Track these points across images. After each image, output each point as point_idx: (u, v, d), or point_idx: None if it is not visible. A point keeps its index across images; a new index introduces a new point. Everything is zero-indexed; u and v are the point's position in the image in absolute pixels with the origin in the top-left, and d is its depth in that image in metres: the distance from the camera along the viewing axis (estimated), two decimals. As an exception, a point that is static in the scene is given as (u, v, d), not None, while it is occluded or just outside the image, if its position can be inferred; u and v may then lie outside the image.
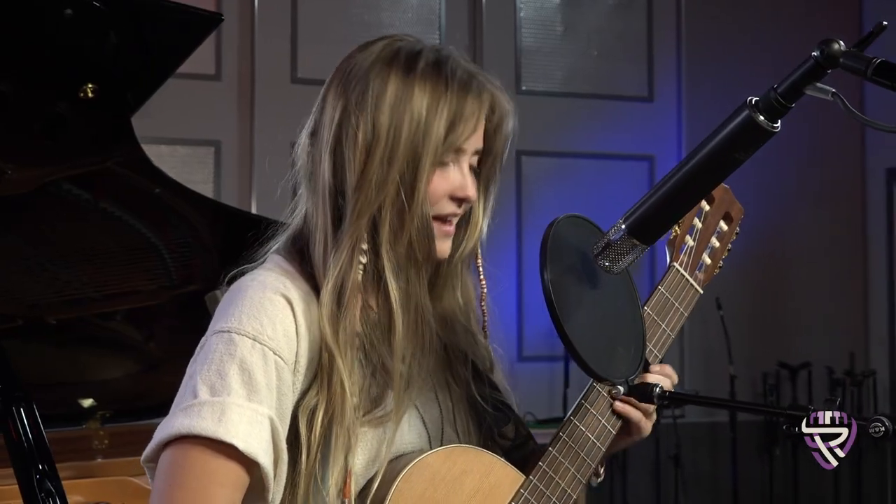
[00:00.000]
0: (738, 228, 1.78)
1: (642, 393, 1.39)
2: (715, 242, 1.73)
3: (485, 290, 1.59)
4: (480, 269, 1.58)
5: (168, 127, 5.21)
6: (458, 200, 1.48)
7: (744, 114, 1.16)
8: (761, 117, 1.15)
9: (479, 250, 1.58)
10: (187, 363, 3.68)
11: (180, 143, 5.56)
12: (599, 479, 1.61)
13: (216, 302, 2.59)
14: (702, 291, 1.70)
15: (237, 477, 1.36)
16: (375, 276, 1.46)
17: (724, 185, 1.69)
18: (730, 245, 1.76)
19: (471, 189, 1.49)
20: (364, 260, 1.44)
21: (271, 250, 1.54)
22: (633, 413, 1.55)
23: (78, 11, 2.00)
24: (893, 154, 6.36)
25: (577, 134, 6.16)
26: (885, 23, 1.08)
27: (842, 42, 1.09)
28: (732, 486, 6.10)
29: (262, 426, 1.36)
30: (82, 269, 3.07)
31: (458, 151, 1.47)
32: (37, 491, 1.83)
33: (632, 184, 6.32)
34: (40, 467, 1.87)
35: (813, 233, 6.49)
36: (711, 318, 5.83)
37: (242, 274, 1.51)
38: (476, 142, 1.50)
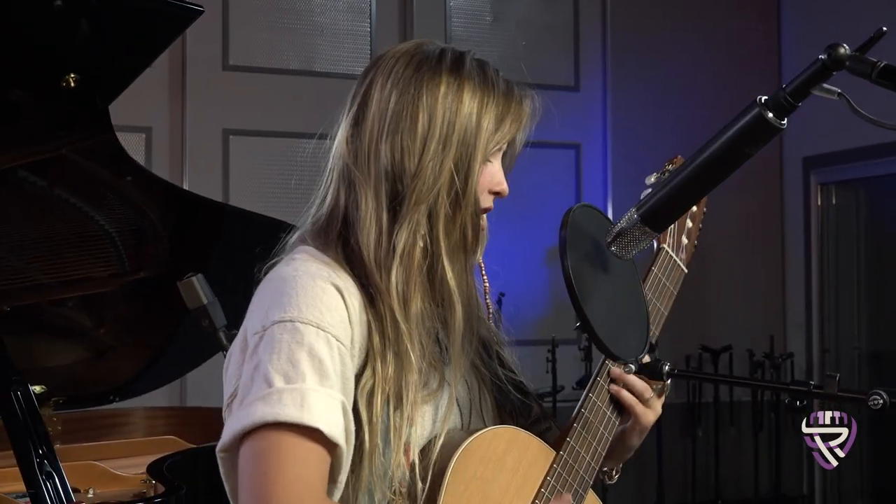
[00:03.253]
0: (705, 208, 1.88)
1: (652, 370, 1.48)
2: (689, 223, 1.84)
3: (486, 285, 1.68)
4: (482, 266, 1.67)
5: (99, 114, 5.20)
6: (495, 194, 1.58)
7: (754, 111, 1.24)
8: (770, 114, 1.23)
9: None
10: (136, 350, 3.66)
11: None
12: (612, 482, 1.71)
13: (192, 288, 2.63)
14: (686, 270, 1.80)
15: (324, 459, 1.39)
16: (430, 262, 1.52)
17: None
18: (700, 224, 1.86)
19: (506, 184, 1.58)
20: (422, 244, 1.51)
21: (295, 240, 1.58)
22: (626, 396, 1.66)
23: (68, 3, 2.02)
24: (810, 143, 6.56)
25: (505, 122, 6.24)
26: (884, 28, 1.17)
27: (846, 46, 1.18)
28: (657, 465, 6.25)
29: (337, 409, 1.40)
30: (36, 257, 3.07)
31: (499, 150, 1.56)
32: (38, 473, 1.85)
33: (559, 171, 6.45)
34: (40, 450, 1.90)
35: (733, 220, 6.66)
36: (637, 303, 5.97)
37: (273, 266, 1.53)
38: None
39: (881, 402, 1.23)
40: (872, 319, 6.82)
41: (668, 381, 1.63)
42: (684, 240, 1.82)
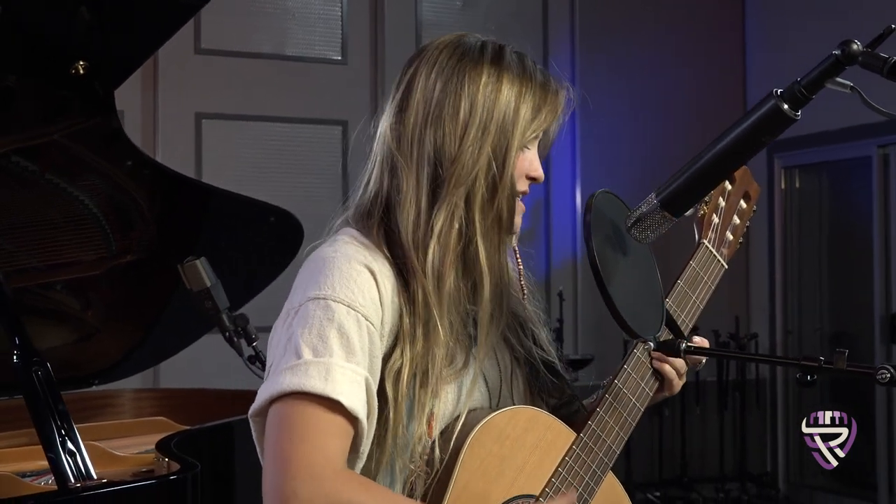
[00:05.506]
0: (755, 206, 1.93)
1: (669, 348, 1.56)
2: (736, 220, 1.89)
3: (521, 267, 1.76)
4: (517, 250, 1.75)
5: (71, 97, 5.19)
6: (531, 179, 1.66)
7: (770, 103, 1.32)
8: (785, 106, 1.31)
9: None
10: (122, 333, 3.68)
11: (83, 113, 5.50)
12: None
13: (196, 270, 2.68)
14: (727, 266, 1.86)
15: (344, 429, 1.47)
16: (465, 242, 1.59)
17: (744, 166, 1.84)
18: (748, 222, 1.91)
19: (541, 170, 1.67)
20: (457, 226, 1.58)
21: (339, 223, 1.66)
22: (668, 370, 1.76)
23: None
24: (774, 128, 6.66)
25: (474, 106, 6.31)
26: (893, 26, 1.24)
27: (859, 42, 1.25)
28: (626, 443, 6.34)
29: (360, 385, 1.48)
30: (26, 241, 3.09)
31: (535, 137, 1.64)
32: (60, 451, 1.89)
33: (528, 155, 6.52)
34: (62, 429, 1.94)
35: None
36: (605, 285, 6.05)
37: (317, 247, 1.61)
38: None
39: (888, 376, 1.30)
40: (834, 301, 6.96)
41: (704, 361, 1.78)
42: (729, 236, 1.88)
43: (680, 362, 1.75)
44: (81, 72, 2.37)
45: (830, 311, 6.96)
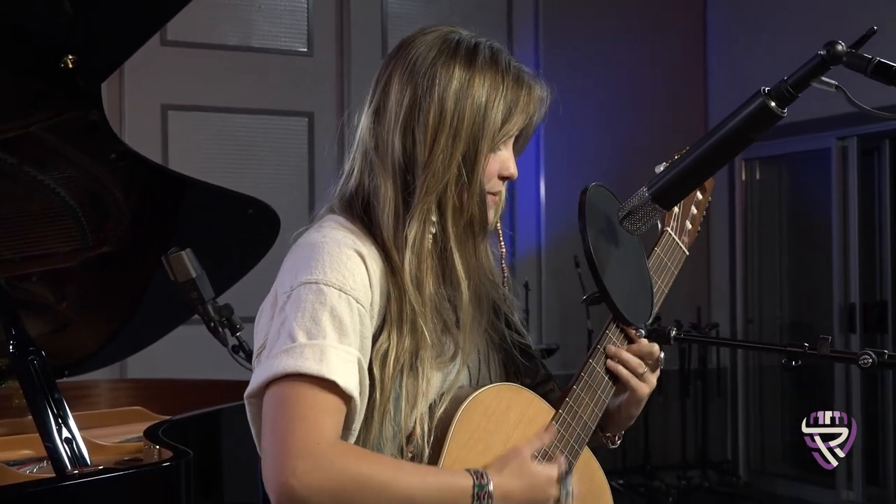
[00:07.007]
0: (710, 197, 2.01)
1: (659, 335, 1.62)
2: (693, 210, 1.97)
3: (503, 250, 1.80)
4: (500, 232, 1.79)
5: (38, 88, 5.16)
6: (505, 178, 1.70)
7: (758, 100, 1.37)
8: (772, 103, 1.36)
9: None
10: (98, 324, 3.69)
11: (49, 104, 5.48)
12: (615, 446, 1.86)
13: (181, 262, 2.70)
14: (688, 253, 1.94)
15: (338, 408, 1.53)
16: (440, 247, 1.64)
17: None
18: (705, 212, 1.99)
19: (515, 168, 1.71)
20: (433, 231, 1.63)
21: (324, 211, 1.70)
22: (622, 372, 1.79)
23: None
24: (735, 121, 6.76)
25: (440, 98, 6.34)
26: (875, 28, 1.30)
27: (843, 43, 1.31)
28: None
29: (353, 364, 1.54)
30: (3, 232, 3.10)
31: (508, 138, 1.68)
32: (57, 438, 1.92)
33: (493, 147, 6.57)
34: (59, 417, 1.97)
35: (660, 195, 6.85)
36: (569, 275, 6.12)
37: (303, 232, 1.66)
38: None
39: (870, 360, 1.37)
40: (794, 291, 7.08)
41: (662, 356, 1.78)
42: (688, 224, 1.95)
43: (636, 361, 1.77)
44: (70, 66, 2.39)
45: (790, 301, 7.08)
